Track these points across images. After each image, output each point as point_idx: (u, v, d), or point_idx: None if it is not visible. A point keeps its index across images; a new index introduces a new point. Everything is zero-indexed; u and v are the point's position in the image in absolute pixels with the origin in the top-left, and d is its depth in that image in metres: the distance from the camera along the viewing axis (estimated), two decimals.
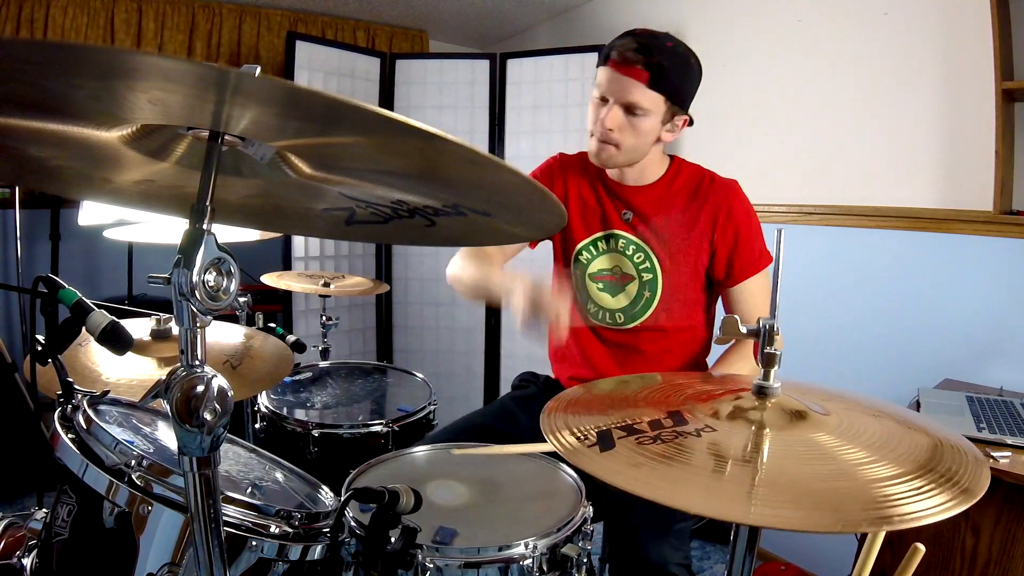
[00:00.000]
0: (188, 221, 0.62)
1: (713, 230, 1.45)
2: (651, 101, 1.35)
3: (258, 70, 0.48)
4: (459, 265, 1.54)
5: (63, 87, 0.52)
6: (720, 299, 1.54)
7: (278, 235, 2.51)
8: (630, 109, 1.35)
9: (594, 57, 2.95)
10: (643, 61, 1.32)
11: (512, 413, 1.56)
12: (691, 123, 1.44)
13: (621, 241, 1.50)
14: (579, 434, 0.76)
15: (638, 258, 1.49)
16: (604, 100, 1.38)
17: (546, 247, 1.63)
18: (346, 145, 0.66)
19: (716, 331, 0.86)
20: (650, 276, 1.48)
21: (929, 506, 0.61)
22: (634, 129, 1.37)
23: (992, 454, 1.36)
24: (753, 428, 0.77)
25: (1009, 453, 1.37)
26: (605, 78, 1.36)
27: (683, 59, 1.37)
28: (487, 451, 1.21)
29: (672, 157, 1.53)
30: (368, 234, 1.09)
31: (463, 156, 0.60)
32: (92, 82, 0.51)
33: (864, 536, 0.93)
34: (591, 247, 1.53)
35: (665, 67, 1.33)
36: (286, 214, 0.93)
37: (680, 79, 1.36)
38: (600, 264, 1.53)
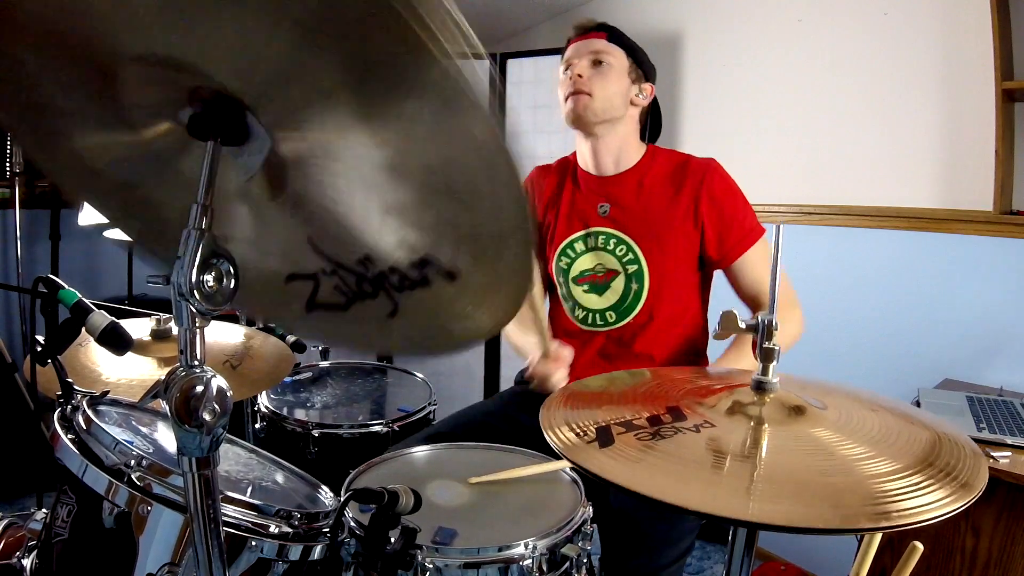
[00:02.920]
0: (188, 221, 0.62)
1: (696, 209, 1.43)
2: (613, 53, 1.44)
3: None
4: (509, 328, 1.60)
5: None
6: (727, 280, 1.50)
7: None
8: (596, 62, 1.44)
9: None
10: (599, 25, 1.46)
11: (512, 411, 1.56)
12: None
13: (600, 237, 1.48)
14: (578, 430, 0.76)
15: (620, 251, 1.46)
16: (570, 66, 1.46)
17: None
18: (337, 144, 0.65)
19: (715, 327, 0.86)
20: (635, 267, 1.45)
21: (928, 502, 0.61)
22: (603, 77, 1.43)
23: (992, 454, 1.36)
24: (752, 423, 0.77)
25: (1009, 453, 1.37)
26: (568, 52, 1.47)
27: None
28: (506, 476, 1.17)
29: (648, 145, 1.53)
30: (326, 324, 0.83)
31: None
32: None
33: (863, 536, 0.93)
34: (570, 249, 1.52)
35: (619, 31, 1.47)
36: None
37: (634, 43, 1.48)
38: (582, 265, 1.51)
